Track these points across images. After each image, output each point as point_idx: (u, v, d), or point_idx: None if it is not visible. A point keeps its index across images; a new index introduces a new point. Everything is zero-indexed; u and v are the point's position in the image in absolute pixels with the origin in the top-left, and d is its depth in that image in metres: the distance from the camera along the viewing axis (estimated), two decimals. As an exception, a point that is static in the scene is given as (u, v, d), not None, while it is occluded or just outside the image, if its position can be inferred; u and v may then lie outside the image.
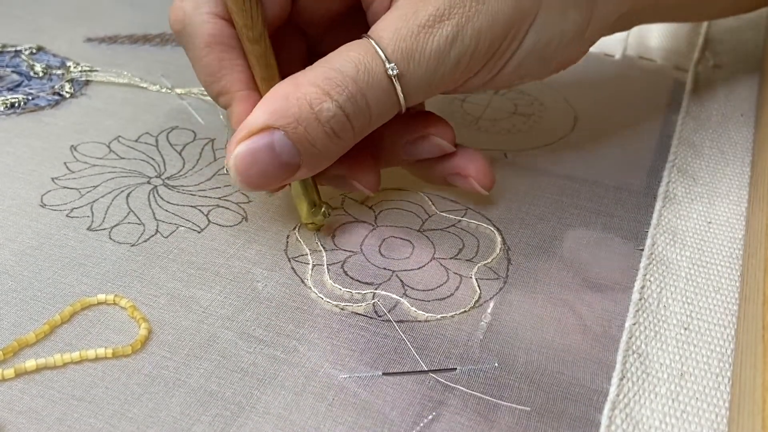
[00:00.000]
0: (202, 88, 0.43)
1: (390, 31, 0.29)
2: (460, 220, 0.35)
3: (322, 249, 0.33)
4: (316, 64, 0.29)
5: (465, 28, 0.29)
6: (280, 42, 0.33)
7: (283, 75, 0.30)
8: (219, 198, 0.36)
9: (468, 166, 0.34)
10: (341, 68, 0.28)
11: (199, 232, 0.34)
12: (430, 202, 0.36)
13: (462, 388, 0.27)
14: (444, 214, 0.35)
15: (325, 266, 0.32)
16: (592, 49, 0.49)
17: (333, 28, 0.34)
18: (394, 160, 0.34)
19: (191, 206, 0.35)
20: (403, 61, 0.28)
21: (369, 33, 0.29)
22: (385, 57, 0.28)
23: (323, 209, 0.32)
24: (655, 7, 0.37)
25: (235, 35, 0.30)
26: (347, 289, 0.31)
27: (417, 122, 0.33)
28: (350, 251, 0.33)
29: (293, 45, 0.34)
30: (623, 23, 0.36)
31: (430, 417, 0.26)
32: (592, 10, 0.32)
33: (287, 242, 0.33)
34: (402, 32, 0.28)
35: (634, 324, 0.29)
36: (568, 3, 0.31)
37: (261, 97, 0.30)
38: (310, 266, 0.32)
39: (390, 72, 0.28)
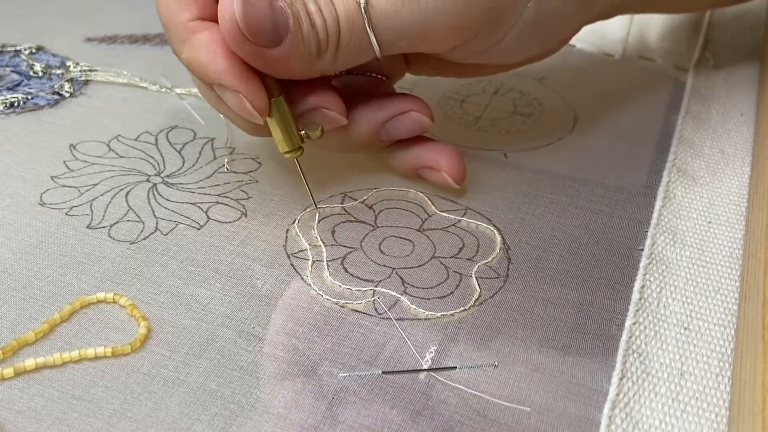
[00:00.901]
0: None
1: None
2: (459, 220, 0.35)
3: (321, 244, 0.33)
4: None
5: None
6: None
7: None
8: (218, 195, 0.36)
9: (440, 159, 0.34)
10: None
11: (198, 229, 0.34)
12: (430, 202, 0.36)
13: (462, 387, 0.27)
14: (444, 214, 0.35)
15: (325, 262, 0.32)
16: (592, 49, 0.50)
17: None
18: (371, 140, 0.34)
19: (191, 203, 0.35)
20: None
21: None
22: None
23: (302, 132, 0.31)
24: None
25: None
26: (347, 286, 0.31)
27: (396, 100, 0.33)
28: (350, 247, 0.33)
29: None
30: (620, 6, 0.35)
31: (430, 416, 0.26)
32: None
33: (286, 237, 0.33)
34: None
35: (634, 323, 0.29)
36: None
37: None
38: (310, 262, 0.32)
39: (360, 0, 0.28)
